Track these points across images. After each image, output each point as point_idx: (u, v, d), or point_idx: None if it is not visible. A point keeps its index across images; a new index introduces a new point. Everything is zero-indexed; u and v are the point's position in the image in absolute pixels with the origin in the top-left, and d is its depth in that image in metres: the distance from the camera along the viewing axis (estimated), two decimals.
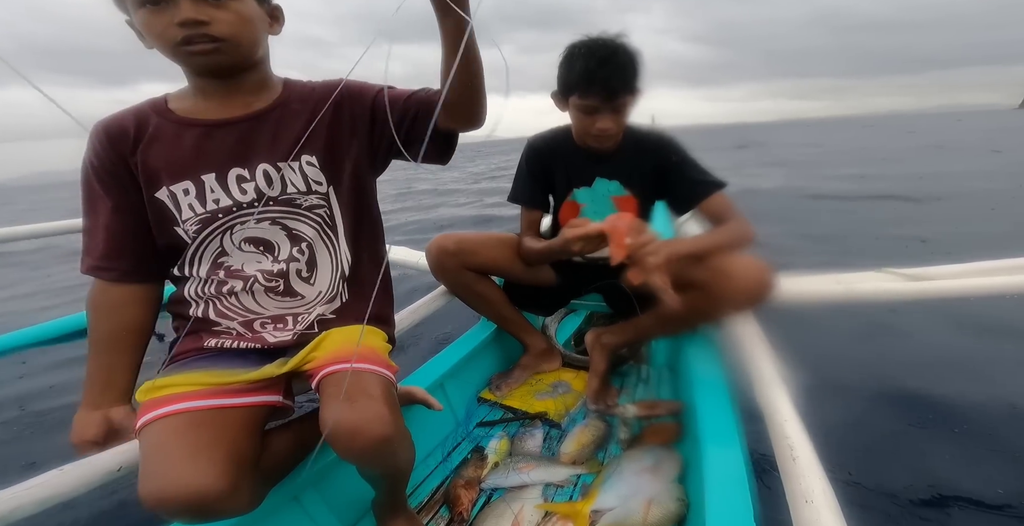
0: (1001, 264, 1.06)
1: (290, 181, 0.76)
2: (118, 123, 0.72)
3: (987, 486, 1.07)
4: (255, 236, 0.76)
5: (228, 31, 0.66)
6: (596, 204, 1.23)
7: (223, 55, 0.67)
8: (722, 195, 1.11)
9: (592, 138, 1.13)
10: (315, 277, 0.80)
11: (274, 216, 0.76)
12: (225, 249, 0.75)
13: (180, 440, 0.62)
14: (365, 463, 0.68)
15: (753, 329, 0.99)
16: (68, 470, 0.67)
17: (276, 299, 0.78)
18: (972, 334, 1.84)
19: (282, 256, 0.77)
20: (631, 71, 1.04)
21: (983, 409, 1.35)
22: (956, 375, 1.56)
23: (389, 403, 0.66)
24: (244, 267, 0.76)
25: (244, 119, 0.74)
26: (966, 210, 4.33)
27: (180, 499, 0.57)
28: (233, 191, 0.73)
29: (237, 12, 0.66)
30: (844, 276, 1.11)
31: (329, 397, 0.65)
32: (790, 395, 0.79)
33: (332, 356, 0.71)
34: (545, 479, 0.99)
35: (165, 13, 0.63)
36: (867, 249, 3.23)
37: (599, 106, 1.06)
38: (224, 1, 0.65)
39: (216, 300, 0.77)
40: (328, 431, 0.62)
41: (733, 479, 0.73)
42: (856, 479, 1.11)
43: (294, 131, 0.75)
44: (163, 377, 0.70)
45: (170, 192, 0.72)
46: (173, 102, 0.74)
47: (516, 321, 1.36)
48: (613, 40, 1.05)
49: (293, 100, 0.77)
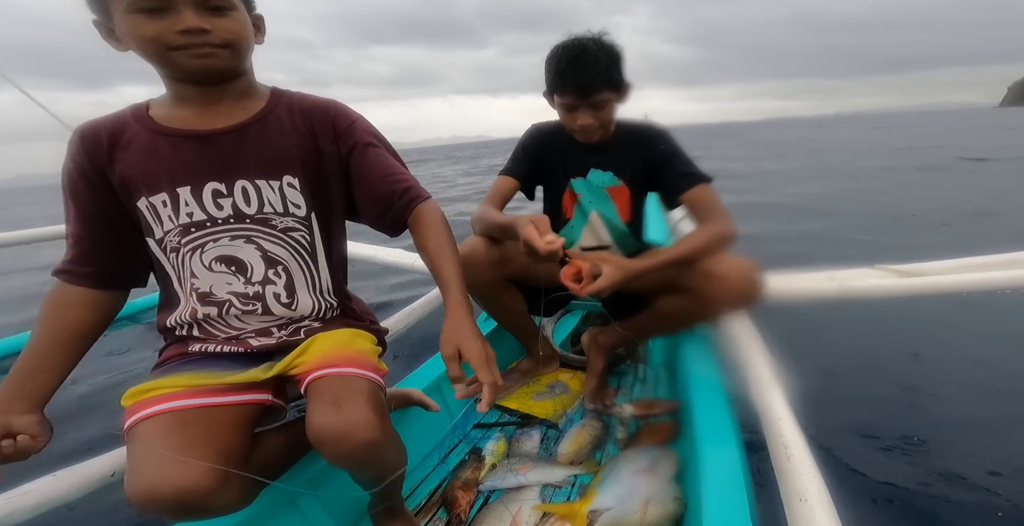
0: (994, 259, 1.06)
1: (267, 200, 0.73)
2: (93, 130, 0.70)
3: (983, 484, 1.08)
4: (227, 254, 0.73)
5: (228, 39, 0.66)
6: (591, 194, 1.24)
7: (219, 60, 0.67)
8: (706, 188, 1.11)
9: (576, 133, 1.15)
10: (296, 303, 0.77)
11: (248, 234, 0.73)
12: (194, 271, 0.72)
13: (167, 438, 0.61)
14: (353, 467, 0.68)
15: (748, 328, 0.99)
16: (61, 475, 0.67)
17: (258, 316, 0.77)
18: (971, 331, 1.85)
19: (255, 278, 0.75)
20: (603, 68, 1.04)
21: (982, 408, 1.35)
22: (955, 373, 1.57)
23: (376, 407, 0.66)
24: (213, 290, 0.73)
25: (224, 131, 0.71)
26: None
27: (168, 496, 0.56)
28: (208, 206, 0.71)
29: (236, 21, 0.67)
30: (838, 273, 1.12)
31: (316, 402, 0.65)
32: (785, 394, 0.79)
33: (319, 361, 0.71)
34: (543, 480, 0.98)
35: (163, 21, 0.62)
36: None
37: (576, 103, 1.08)
38: (225, 10, 0.65)
39: (198, 324, 0.76)
40: (315, 436, 0.62)
41: (729, 478, 0.73)
42: (851, 476, 1.11)
43: (276, 147, 0.73)
44: (148, 382, 0.69)
45: (149, 203, 0.70)
46: (154, 109, 0.72)
47: (527, 330, 1.36)
48: (588, 39, 1.06)
49: (279, 112, 0.75)
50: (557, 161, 1.25)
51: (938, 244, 3.11)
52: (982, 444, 1.21)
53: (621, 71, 1.07)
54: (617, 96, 1.10)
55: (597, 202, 1.24)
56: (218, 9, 0.65)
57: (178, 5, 0.62)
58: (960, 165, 7.68)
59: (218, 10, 0.65)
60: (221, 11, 0.65)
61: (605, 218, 1.25)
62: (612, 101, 1.09)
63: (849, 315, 1.98)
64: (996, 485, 1.07)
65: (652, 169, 1.18)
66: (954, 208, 4.25)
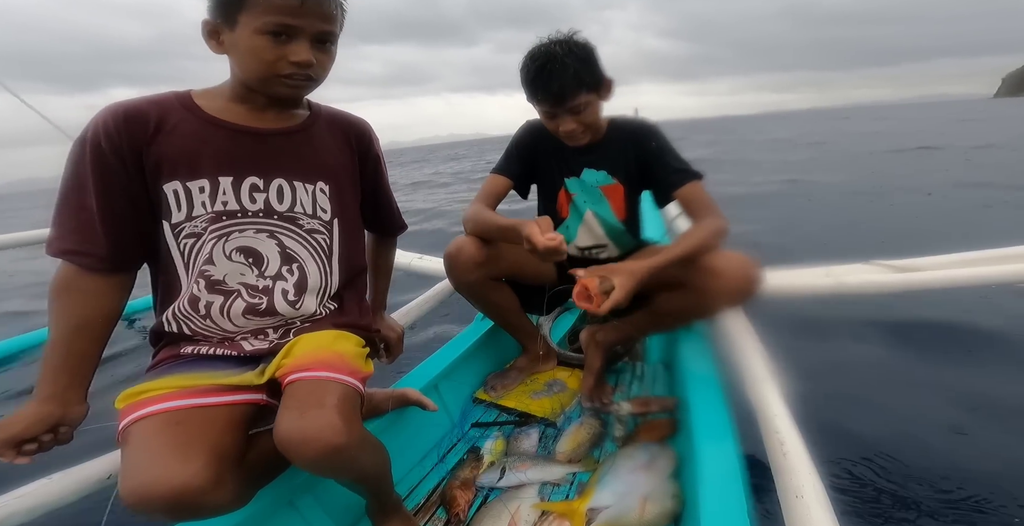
0: (987, 254, 1.07)
1: (300, 200, 0.79)
2: (139, 109, 0.70)
3: (980, 481, 1.08)
4: (246, 245, 0.76)
5: (323, 73, 0.74)
6: (585, 193, 1.24)
7: (304, 91, 0.75)
8: (697, 185, 1.12)
9: (564, 139, 1.15)
10: (302, 303, 0.79)
11: (272, 230, 0.77)
12: (212, 258, 0.74)
13: (161, 438, 0.61)
14: (322, 472, 0.68)
15: (744, 326, 0.99)
16: (57, 479, 0.67)
17: (255, 319, 0.77)
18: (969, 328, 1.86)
19: (269, 272, 0.77)
20: (571, 72, 1.01)
21: (979, 406, 1.36)
22: (953, 371, 1.57)
23: (344, 412, 0.65)
24: (227, 279, 0.75)
25: (275, 132, 0.77)
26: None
27: (163, 495, 0.56)
28: (243, 198, 0.75)
29: (332, 55, 0.74)
30: (833, 269, 1.12)
31: (284, 406, 0.65)
32: (781, 391, 0.80)
33: (296, 364, 0.70)
34: (541, 478, 0.99)
35: (284, 47, 0.68)
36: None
37: (554, 111, 1.08)
38: (329, 46, 0.73)
39: (192, 321, 0.76)
40: (279, 441, 0.62)
41: (727, 475, 0.74)
42: (848, 474, 1.12)
43: (317, 155, 0.81)
44: (141, 384, 0.69)
45: (185, 187, 0.71)
46: (200, 99, 0.74)
47: (522, 327, 1.36)
48: (554, 43, 1.04)
49: (320, 124, 0.83)
50: (551, 160, 1.24)
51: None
52: (980, 442, 1.22)
53: (594, 70, 1.05)
54: (596, 96, 1.08)
55: (592, 201, 1.24)
56: (326, 43, 0.72)
57: (301, 35, 0.68)
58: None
59: (325, 44, 0.72)
60: (326, 46, 0.72)
61: (600, 217, 1.25)
62: (592, 102, 1.08)
63: (849, 314, 1.99)
64: (993, 482, 1.07)
65: (645, 166, 1.18)
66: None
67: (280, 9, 0.66)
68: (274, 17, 0.66)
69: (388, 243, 1.07)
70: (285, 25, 0.67)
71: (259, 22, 0.66)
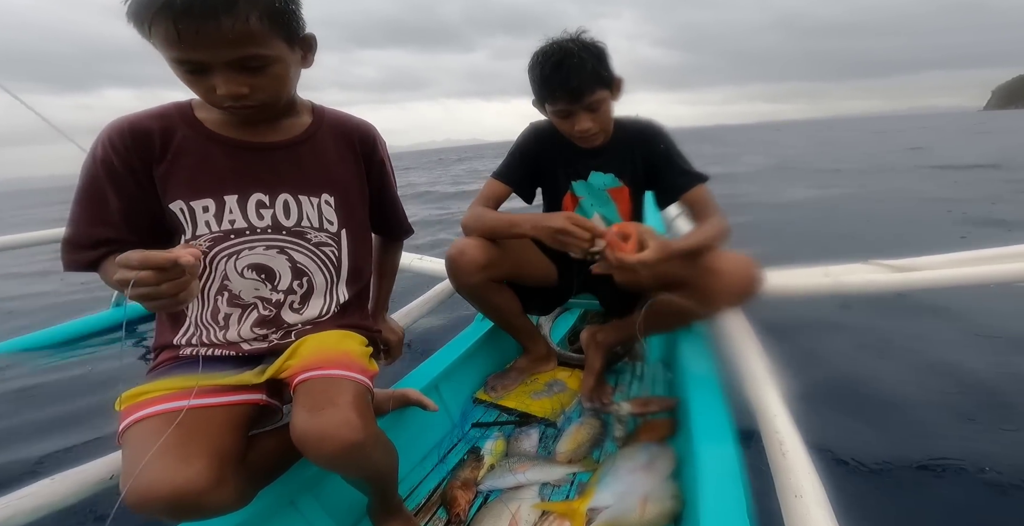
0: (985, 253, 1.07)
1: (306, 214, 0.78)
2: (143, 126, 0.69)
3: (980, 479, 1.08)
4: (259, 262, 0.76)
5: (267, 96, 0.67)
6: (592, 197, 1.24)
7: (260, 112, 0.70)
8: (703, 188, 1.12)
9: (577, 139, 1.13)
10: (305, 309, 0.81)
11: (282, 245, 0.77)
12: (228, 274, 0.75)
13: (161, 438, 0.61)
14: (338, 469, 0.68)
15: (744, 326, 0.99)
16: (59, 479, 0.67)
17: (259, 329, 0.78)
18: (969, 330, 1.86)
19: (281, 286, 0.78)
20: (590, 68, 1.00)
21: (978, 405, 1.36)
22: (954, 371, 1.57)
23: (359, 409, 0.66)
24: (243, 295, 0.77)
25: (278, 146, 0.75)
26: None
27: (164, 495, 0.56)
28: (251, 215, 0.74)
29: (274, 76, 0.66)
30: (832, 268, 1.13)
31: (299, 404, 0.66)
32: (780, 391, 0.80)
33: (305, 363, 0.71)
34: (541, 479, 0.99)
35: (207, 80, 0.63)
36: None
37: (570, 109, 1.06)
38: (262, 67, 0.64)
39: (211, 329, 0.76)
40: (297, 438, 0.63)
41: (726, 474, 0.74)
42: (847, 473, 1.12)
43: (320, 166, 0.79)
44: (142, 385, 0.70)
45: (189, 207, 0.71)
46: (200, 112, 0.73)
47: (523, 329, 1.36)
48: (567, 40, 1.03)
49: (324, 132, 0.81)
50: (556, 163, 1.23)
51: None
52: (979, 439, 1.22)
53: (609, 67, 1.05)
54: (611, 93, 1.08)
55: (599, 204, 1.24)
56: (255, 68, 0.64)
57: (211, 68, 0.62)
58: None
59: (255, 69, 0.64)
60: (258, 70, 0.64)
61: (607, 219, 1.24)
62: (607, 99, 1.08)
63: (847, 312, 1.99)
64: (993, 481, 1.07)
65: (652, 168, 1.18)
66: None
67: (171, 44, 0.59)
68: (171, 52, 0.61)
69: (394, 246, 1.06)
70: (186, 60, 0.61)
71: (166, 56, 0.62)
